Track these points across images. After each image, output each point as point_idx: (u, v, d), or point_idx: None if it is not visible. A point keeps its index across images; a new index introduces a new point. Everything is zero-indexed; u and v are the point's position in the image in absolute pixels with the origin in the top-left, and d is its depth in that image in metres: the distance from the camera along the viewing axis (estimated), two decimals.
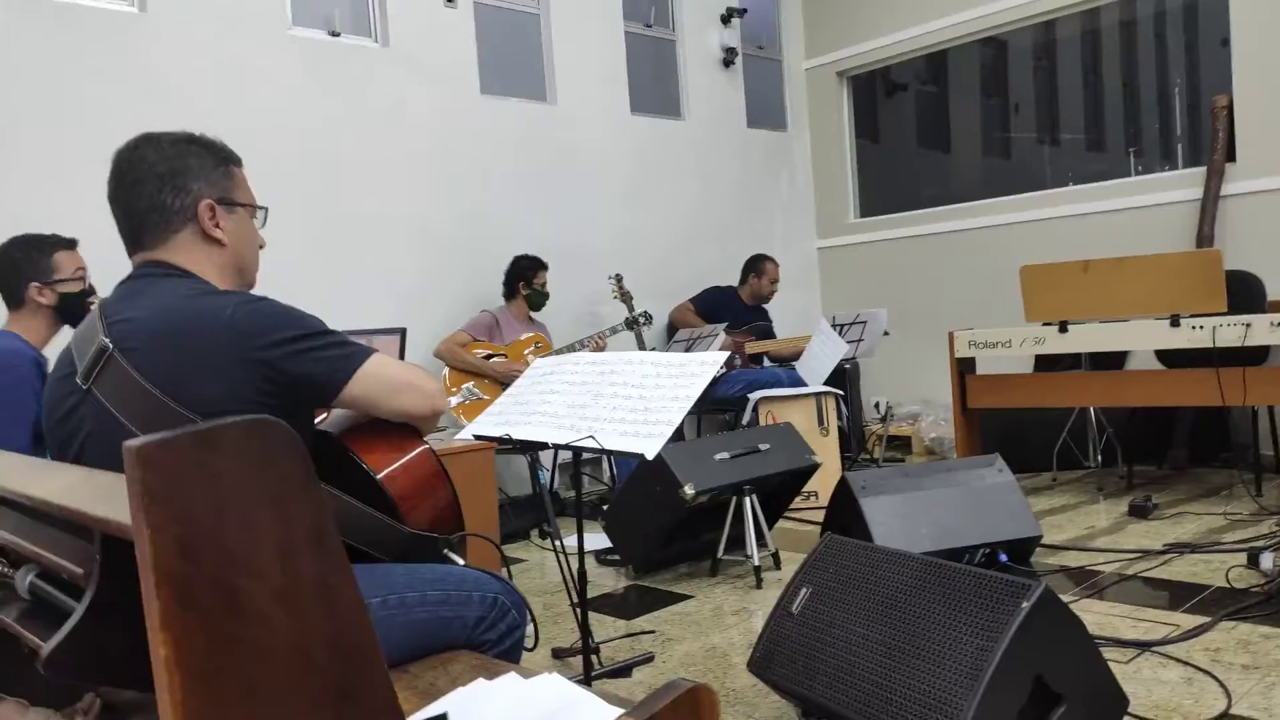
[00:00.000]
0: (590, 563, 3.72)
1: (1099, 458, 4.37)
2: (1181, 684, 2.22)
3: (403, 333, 2.89)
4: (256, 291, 1.51)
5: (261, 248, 1.65)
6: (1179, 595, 2.84)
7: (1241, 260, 4.55)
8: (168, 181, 1.46)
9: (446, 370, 4.43)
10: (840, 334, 4.96)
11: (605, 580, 3.52)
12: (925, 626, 1.86)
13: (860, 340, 5.05)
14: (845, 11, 6.34)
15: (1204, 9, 4.98)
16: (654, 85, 5.79)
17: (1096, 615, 2.72)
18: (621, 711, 1.16)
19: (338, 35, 4.44)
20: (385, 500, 1.52)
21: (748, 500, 3.33)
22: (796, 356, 4.98)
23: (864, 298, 6.03)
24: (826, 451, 4.42)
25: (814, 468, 3.58)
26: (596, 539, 3.87)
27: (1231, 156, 4.73)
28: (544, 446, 1.98)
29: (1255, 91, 4.63)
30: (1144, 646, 2.43)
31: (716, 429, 5.33)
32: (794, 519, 4.10)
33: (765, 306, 5.62)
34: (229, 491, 0.78)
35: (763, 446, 3.48)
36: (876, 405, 6.11)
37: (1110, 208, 5.29)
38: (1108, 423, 4.41)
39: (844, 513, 3.35)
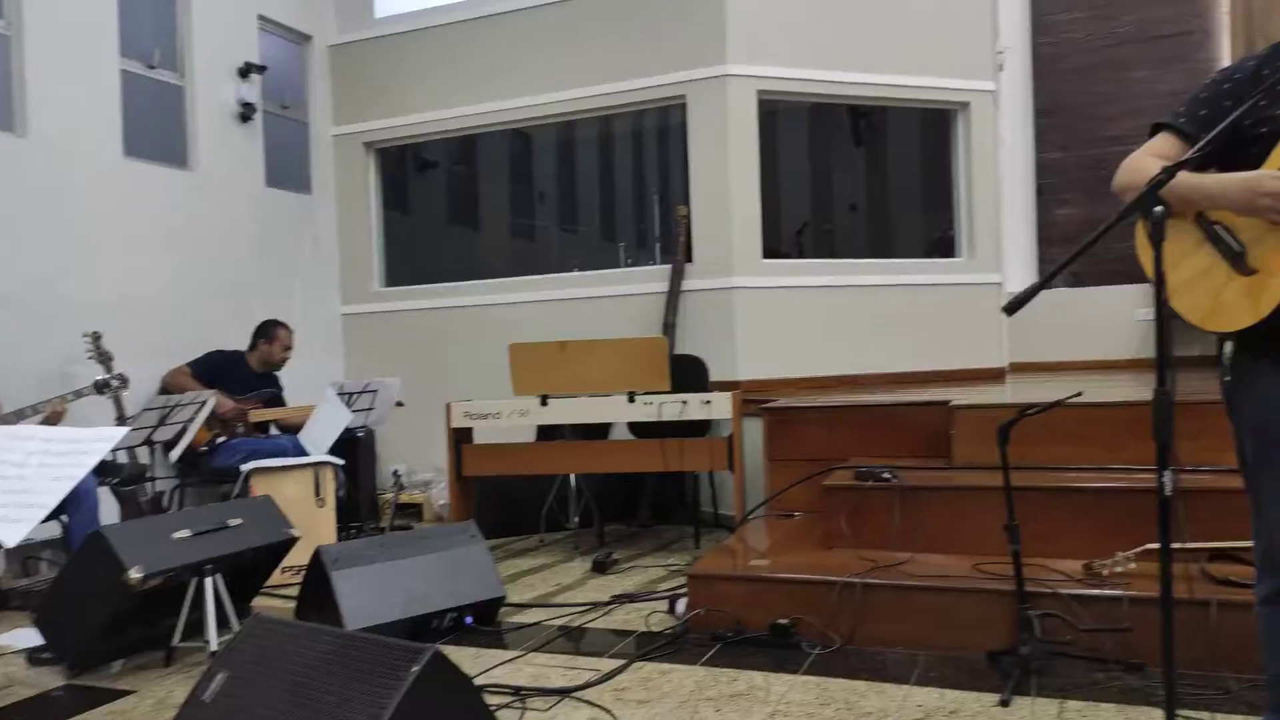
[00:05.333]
0: (22, 664, 3.26)
1: (577, 519, 4.82)
2: None
3: None
4: None
5: None
6: (610, 642, 3.21)
7: (694, 346, 5.39)
8: None
9: None
10: (349, 402, 4.94)
11: (38, 681, 3.08)
12: (329, 701, 1.89)
13: (371, 409, 5.08)
14: (373, 85, 6.46)
15: None
16: (157, 131, 5.37)
17: (538, 667, 2.97)
18: None
19: None
20: None
21: (209, 581, 3.13)
22: None
23: (388, 366, 6.08)
24: (322, 523, 4.34)
25: (292, 541, 3.49)
26: (33, 635, 3.38)
27: (690, 257, 5.60)
28: None
29: (705, 205, 5.56)
30: (564, 693, 2.71)
31: (215, 502, 4.97)
32: (278, 596, 3.95)
33: (278, 374, 5.42)
34: None
35: (232, 522, 3.32)
36: (395, 473, 6.15)
37: (605, 294, 5.94)
38: (586, 487, 4.89)
39: (317, 587, 3.32)
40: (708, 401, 4.34)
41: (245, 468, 4.36)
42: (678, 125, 5.82)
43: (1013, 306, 1.70)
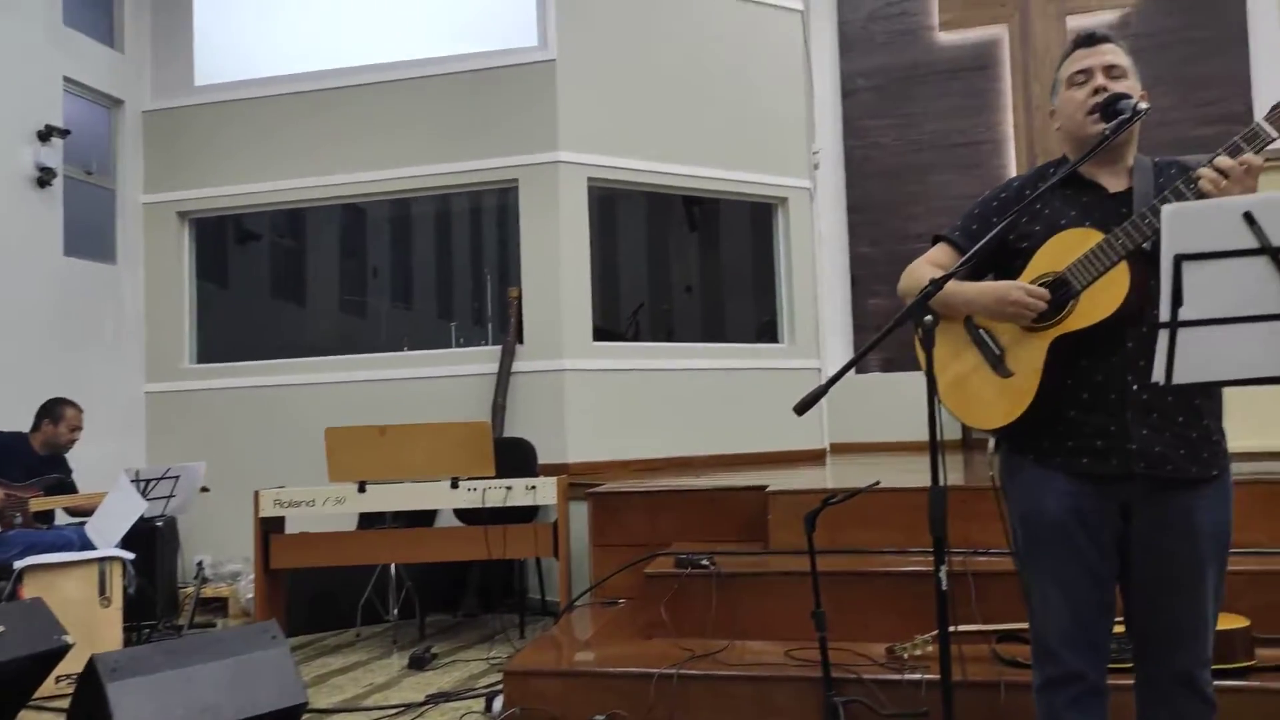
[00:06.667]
0: None
1: (396, 610, 4.60)
2: None
3: None
4: None
5: None
6: None
7: (524, 428, 5.33)
8: None
9: None
10: (145, 489, 4.57)
11: None
12: None
13: (172, 496, 4.71)
14: (191, 153, 6.19)
15: None
16: None
17: None
18: None
19: None
20: None
21: None
22: None
23: (197, 449, 5.69)
24: (106, 625, 3.97)
25: (64, 649, 3.15)
26: None
27: (522, 338, 5.58)
28: None
29: (536, 287, 5.58)
30: None
31: None
32: (48, 709, 3.55)
33: (66, 456, 4.97)
34: None
35: None
36: (199, 564, 5.72)
37: (436, 374, 5.81)
38: (407, 576, 4.69)
39: (90, 701, 2.98)
40: (533, 486, 4.28)
41: (19, 565, 3.95)
42: (515, 205, 5.86)
43: (801, 407, 1.77)
